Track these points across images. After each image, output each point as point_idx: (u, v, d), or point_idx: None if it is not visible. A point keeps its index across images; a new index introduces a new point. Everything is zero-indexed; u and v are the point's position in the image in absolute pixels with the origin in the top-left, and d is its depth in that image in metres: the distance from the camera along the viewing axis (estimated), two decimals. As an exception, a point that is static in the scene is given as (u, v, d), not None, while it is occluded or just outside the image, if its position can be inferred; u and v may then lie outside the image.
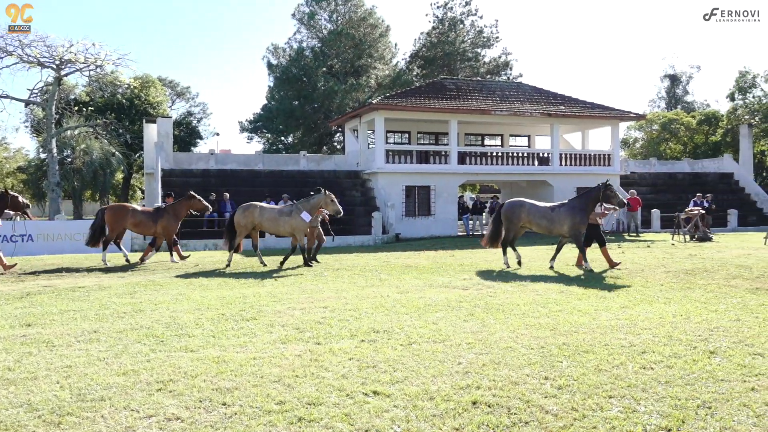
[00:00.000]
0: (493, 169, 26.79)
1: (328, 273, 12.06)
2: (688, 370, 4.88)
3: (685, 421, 3.83)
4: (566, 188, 27.14)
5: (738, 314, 7.12)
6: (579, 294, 8.89)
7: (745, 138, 35.19)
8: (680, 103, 64.96)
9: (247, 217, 13.98)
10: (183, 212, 14.77)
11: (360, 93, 45.26)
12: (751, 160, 35.31)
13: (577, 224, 12.08)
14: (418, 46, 51.77)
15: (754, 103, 39.49)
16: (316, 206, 13.66)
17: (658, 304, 7.99)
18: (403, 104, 25.44)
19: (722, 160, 35.08)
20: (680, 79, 67.87)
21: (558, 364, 5.15)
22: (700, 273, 10.99)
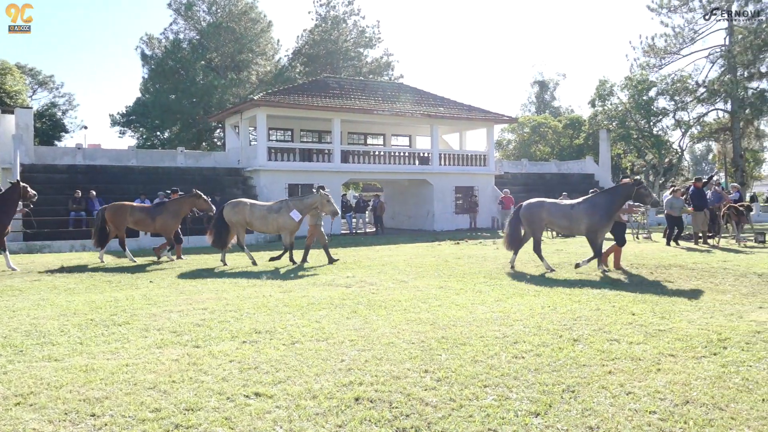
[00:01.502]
0: (376, 168, 27.17)
1: (207, 274, 11.67)
2: (554, 358, 5.22)
3: (551, 405, 4.09)
4: (445, 187, 28.13)
5: (598, 304, 7.72)
6: (457, 289, 9.24)
7: (604, 141, 38.25)
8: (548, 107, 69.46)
9: (237, 214, 13.46)
10: (184, 210, 14.42)
11: (241, 88, 44.20)
12: (609, 161, 38.42)
13: (596, 224, 10.87)
14: (300, 44, 51.39)
15: (611, 109, 42.91)
16: (309, 206, 13.23)
17: (528, 296, 8.48)
18: (286, 101, 25.16)
19: (585, 162, 37.90)
20: (548, 86, 72.55)
21: (437, 357, 5.32)
22: (566, 266, 11.79)
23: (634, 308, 7.37)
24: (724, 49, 41.58)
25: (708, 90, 41.47)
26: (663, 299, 8.00)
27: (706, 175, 69.46)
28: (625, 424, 3.74)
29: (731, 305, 7.49)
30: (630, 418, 3.84)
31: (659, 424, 3.74)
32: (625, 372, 4.79)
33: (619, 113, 42.26)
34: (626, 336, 5.94)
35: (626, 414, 3.90)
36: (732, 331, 6.01)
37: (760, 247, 15.87)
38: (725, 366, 4.88)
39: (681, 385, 4.43)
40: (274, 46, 50.75)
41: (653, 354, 5.28)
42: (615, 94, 43.24)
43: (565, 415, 3.92)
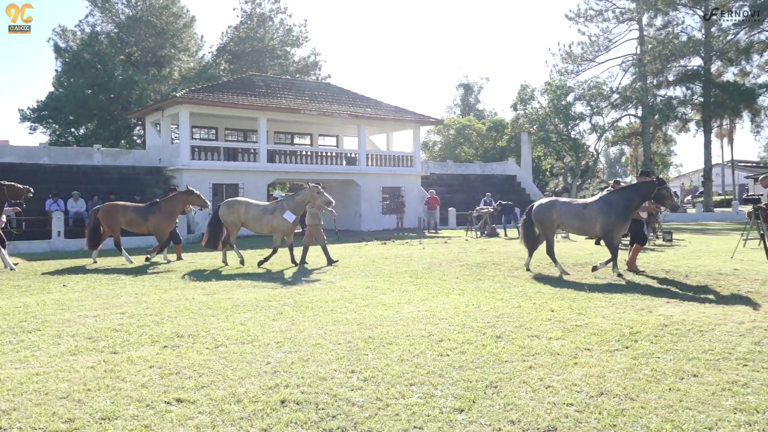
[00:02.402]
0: (303, 168, 26.97)
1: (126, 277, 11.23)
2: (478, 355, 5.35)
3: (475, 401, 4.19)
4: (373, 187, 28.27)
5: (519, 301, 7.97)
6: (384, 289, 9.30)
7: (525, 144, 39.54)
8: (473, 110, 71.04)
9: (233, 214, 12.90)
10: (179, 208, 13.98)
11: (163, 85, 42.77)
12: (530, 163, 39.74)
13: (612, 224, 10.17)
14: (225, 40, 50.31)
15: (532, 113, 44.45)
16: (302, 203, 12.69)
17: (453, 295, 8.64)
18: (210, 99, 24.57)
19: (507, 164, 39.01)
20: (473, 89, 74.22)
21: (364, 357, 5.33)
22: (489, 266, 12.10)
23: (554, 305, 7.65)
24: (635, 57, 43.87)
25: (621, 96, 43.62)
26: (580, 296, 8.35)
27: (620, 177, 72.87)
28: (544, 417, 3.87)
29: (641, 300, 7.90)
30: (549, 410, 3.98)
31: (576, 415, 3.90)
32: (545, 366, 4.96)
33: (539, 117, 43.80)
34: (546, 332, 6.16)
35: (545, 407, 4.05)
36: (642, 325, 6.34)
37: (668, 245, 16.83)
38: (636, 358, 5.14)
39: (596, 377, 4.64)
40: (198, 42, 49.43)
41: (571, 348, 5.50)
42: (536, 99, 44.80)
43: (488, 410, 4.02)
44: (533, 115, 44.23)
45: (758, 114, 43.35)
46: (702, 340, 5.71)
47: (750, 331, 6.02)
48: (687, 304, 7.57)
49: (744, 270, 10.67)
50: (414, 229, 27.18)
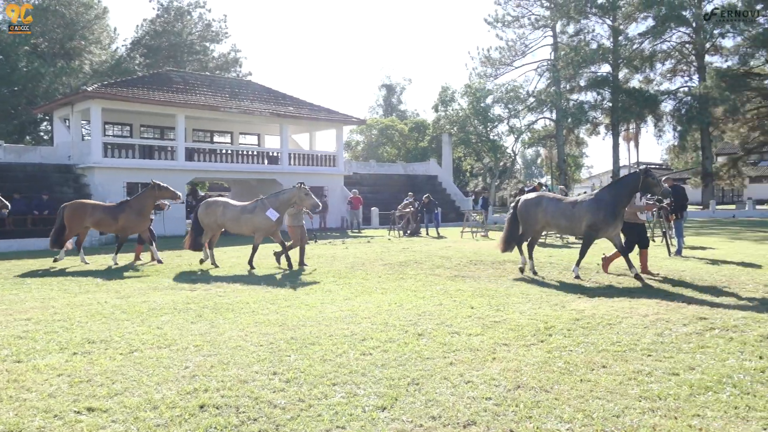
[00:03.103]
0: (223, 166, 26.36)
1: (31, 281, 10.61)
2: (400, 353, 5.41)
3: (397, 399, 4.23)
4: (295, 187, 27.94)
5: (440, 299, 8.12)
6: (306, 289, 9.24)
7: (446, 145, 40.30)
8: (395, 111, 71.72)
9: (210, 216, 12.22)
10: (149, 205, 13.25)
11: (72, 78, 40.66)
12: (451, 164, 40.56)
13: (598, 223, 9.63)
14: (141, 34, 48.43)
15: (453, 115, 45.41)
16: (286, 203, 12.09)
17: (376, 294, 8.69)
18: (124, 94, 23.55)
19: (429, 164, 39.61)
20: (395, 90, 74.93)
21: (286, 358, 5.28)
22: (411, 264, 12.26)
23: (473, 302, 7.84)
24: (550, 63, 45.66)
25: (536, 100, 45.28)
26: (499, 293, 8.60)
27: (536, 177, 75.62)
28: (464, 412, 3.96)
29: (556, 296, 8.23)
30: (468, 405, 4.08)
31: (494, 408, 4.01)
32: (465, 362, 5.08)
33: (460, 118, 44.79)
34: (466, 328, 6.31)
35: (465, 402, 4.14)
36: (556, 320, 6.60)
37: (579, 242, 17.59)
38: (550, 352, 5.35)
39: (513, 371, 4.79)
40: (111, 34, 47.35)
41: (489, 344, 5.66)
42: (456, 101, 45.80)
43: (410, 407, 4.08)
44: (454, 117, 45.19)
45: (661, 119, 46.14)
46: (611, 332, 6.01)
47: (653, 323, 6.39)
48: (597, 299, 7.95)
49: (649, 265, 11.30)
50: (337, 228, 27.14)
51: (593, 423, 3.74)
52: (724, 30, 40.76)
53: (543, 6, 45.38)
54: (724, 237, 19.10)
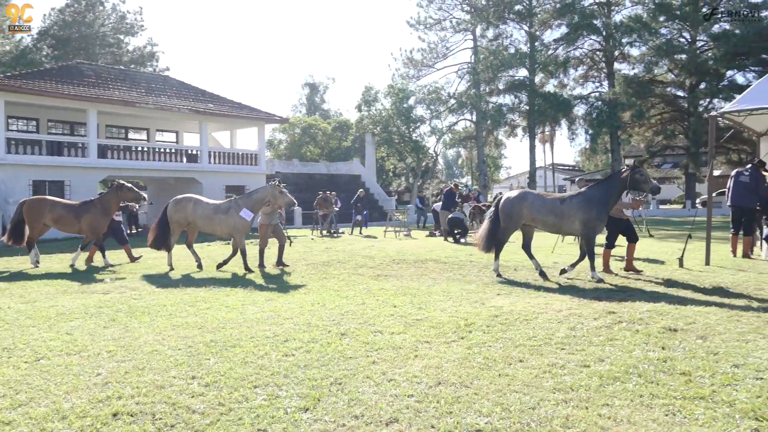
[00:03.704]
0: (139, 164, 25.39)
1: (-76, 285, 9.82)
2: (323, 353, 5.39)
3: (320, 399, 4.21)
4: (215, 186, 27.32)
5: (363, 299, 8.15)
6: (227, 290, 9.04)
7: (369, 145, 40.52)
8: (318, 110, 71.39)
9: (179, 212, 11.41)
10: (113, 206, 12.69)
11: (-29, 69, 37.96)
12: (374, 164, 40.81)
13: (593, 220, 9.46)
14: (48, 24, 45.86)
15: (376, 115, 45.67)
16: (260, 202, 11.49)
17: (299, 294, 8.62)
18: (30, 87, 22.24)
19: (352, 164, 39.71)
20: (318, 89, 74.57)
21: (206, 361, 5.15)
22: (334, 264, 12.23)
23: (396, 301, 7.92)
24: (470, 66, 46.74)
25: (457, 102, 46.25)
26: (421, 291, 8.72)
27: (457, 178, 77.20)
28: (386, 410, 3.99)
29: (476, 294, 8.44)
30: (391, 403, 4.12)
31: (416, 405, 4.07)
32: (388, 361, 5.12)
33: (383, 118, 45.09)
34: (389, 327, 6.36)
35: (388, 400, 4.18)
36: (476, 317, 6.77)
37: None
38: (470, 348, 5.48)
39: (434, 368, 4.88)
40: (14, 23, 44.46)
41: (412, 342, 5.73)
42: (379, 101, 46.07)
43: (333, 407, 4.07)
44: (377, 117, 45.45)
45: (574, 122, 48.17)
46: (527, 327, 6.23)
47: (567, 318, 6.67)
48: (515, 296, 8.21)
49: (562, 263, 11.78)
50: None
51: (510, 416, 3.86)
52: (632, 39, 43.10)
53: (463, 10, 46.40)
54: (631, 235, 20.20)
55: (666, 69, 44.45)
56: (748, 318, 6.46)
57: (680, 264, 10.87)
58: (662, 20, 42.39)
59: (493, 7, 43.95)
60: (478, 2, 45.11)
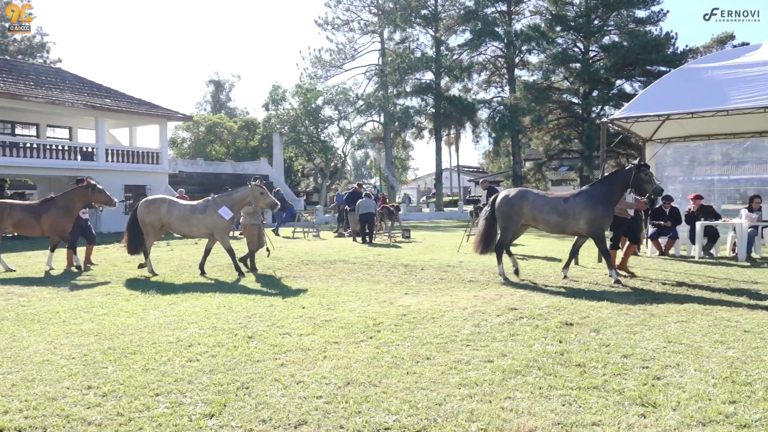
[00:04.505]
0: (27, 162, 23.71)
1: None
2: (229, 357, 5.26)
3: (226, 404, 4.11)
4: (114, 185, 25.91)
5: (271, 300, 8.03)
6: (126, 295, 8.63)
7: (277, 144, 39.99)
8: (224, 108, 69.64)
9: (152, 214, 10.53)
10: (77, 205, 11.70)
11: None
12: (282, 164, 40.34)
13: (599, 218, 9.29)
14: None
15: (284, 114, 45.15)
16: (240, 202, 10.76)
17: (204, 297, 8.37)
18: None
19: (260, 163, 39.03)
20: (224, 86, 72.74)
21: (103, 370, 4.89)
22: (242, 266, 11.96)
23: (304, 302, 7.86)
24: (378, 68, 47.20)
25: (365, 103, 46.57)
26: (329, 292, 8.71)
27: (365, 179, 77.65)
28: (295, 412, 3.96)
29: (384, 293, 8.53)
30: (299, 405, 4.08)
31: (324, 407, 4.06)
32: (296, 363, 5.07)
33: (290, 118, 44.66)
34: (297, 329, 6.30)
35: (296, 402, 4.14)
36: (384, 316, 6.85)
37: (406, 241, 18.42)
38: (379, 347, 5.53)
39: (343, 368, 4.88)
40: None
41: (320, 343, 5.71)
42: (287, 100, 45.59)
43: (240, 412, 3.98)
44: (285, 116, 44.95)
45: (477, 126, 49.76)
46: (434, 326, 6.37)
47: (472, 315, 6.88)
48: (422, 295, 8.38)
49: (467, 262, 12.15)
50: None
51: (418, 412, 3.93)
52: (531, 47, 45.07)
53: (371, 12, 46.78)
54: (532, 234, 21.10)
55: (562, 77, 46.80)
56: (635, 311, 6.93)
57: (575, 262, 11.48)
58: (558, 30, 44.62)
59: (399, 11, 44.61)
60: (385, 5, 45.65)
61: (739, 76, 11.23)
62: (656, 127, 14.51)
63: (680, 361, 4.96)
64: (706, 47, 42.42)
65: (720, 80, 11.44)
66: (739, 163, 16.06)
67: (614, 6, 42.99)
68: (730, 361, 4.94)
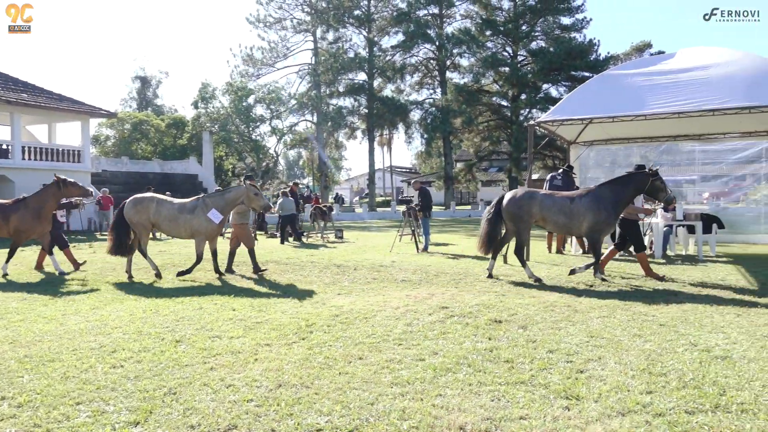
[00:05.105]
0: (-67, 159, 22.23)
1: None
2: (156, 362, 5.10)
3: (152, 411, 3.98)
4: (31, 185, 24.56)
5: (200, 303, 7.84)
6: (45, 300, 8.22)
7: (207, 143, 39.10)
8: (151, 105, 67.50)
9: (140, 213, 9.80)
10: (50, 204, 10.89)
11: None
12: (212, 163, 39.47)
13: (600, 224, 9.01)
14: None
15: (214, 112, 44.16)
16: (232, 202, 10.11)
17: (129, 301, 8.08)
18: None
19: (188, 162, 38.05)
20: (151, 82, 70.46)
21: (18, 379, 4.64)
22: (169, 268, 11.59)
23: (235, 304, 7.71)
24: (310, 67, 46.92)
25: (298, 102, 46.21)
26: (261, 293, 8.58)
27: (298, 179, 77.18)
28: (225, 417, 3.88)
29: (317, 294, 8.49)
30: (229, 409, 4.01)
31: (255, 410, 4.00)
32: (226, 366, 4.97)
33: (221, 117, 43.75)
34: (227, 331, 6.18)
35: (226, 406, 4.06)
36: (317, 317, 6.81)
37: (339, 241, 18.39)
38: (311, 348, 5.50)
39: (275, 371, 4.83)
40: None
41: (251, 345, 5.62)
42: (217, 98, 44.63)
43: (167, 418, 3.87)
44: (215, 115, 43.99)
45: (410, 127, 50.31)
46: (367, 325, 6.39)
47: (404, 314, 6.94)
48: (355, 295, 8.38)
49: (400, 261, 12.26)
50: (83, 231, 24.61)
51: (350, 413, 3.93)
52: (461, 50, 45.97)
53: (304, 11, 46.45)
54: (462, 234, 21.51)
55: (492, 80, 47.96)
56: (560, 308, 7.18)
57: (504, 260, 11.77)
58: (488, 34, 45.72)
59: (333, 11, 44.52)
60: (318, 4, 45.43)
61: (655, 83, 11.83)
62: (580, 131, 15.08)
63: (602, 354, 5.17)
64: (626, 54, 44.53)
65: (638, 86, 12.01)
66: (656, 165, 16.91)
67: (541, 12, 44.46)
68: (647, 353, 5.19)
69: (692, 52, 12.57)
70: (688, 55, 12.48)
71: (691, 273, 10.16)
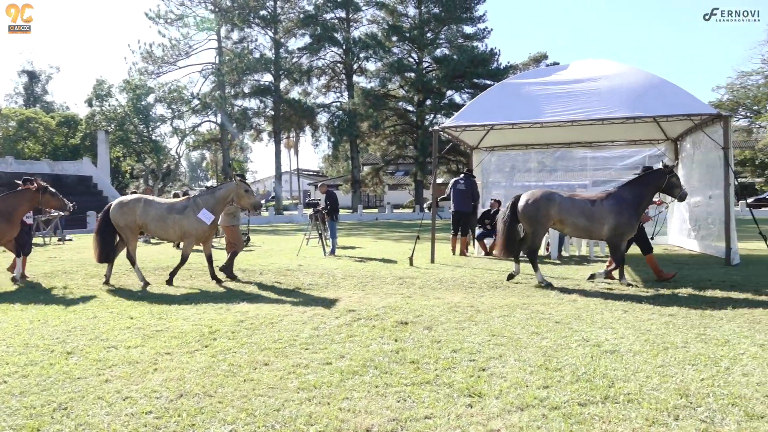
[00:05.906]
0: None
1: None
2: (45, 375, 4.78)
3: (40, 429, 3.73)
4: None
5: (95, 312, 7.42)
6: None
7: (102, 143, 37.13)
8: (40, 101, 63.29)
9: (126, 215, 9.57)
10: (21, 209, 9.81)
11: None
12: (108, 164, 37.51)
13: (623, 226, 8.77)
14: None
15: (110, 111, 42.06)
16: (223, 201, 9.83)
17: (13, 311, 7.52)
18: None
19: (82, 163, 35.98)
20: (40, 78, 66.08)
21: None
22: (60, 275, 10.95)
23: (133, 312, 7.37)
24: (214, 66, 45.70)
25: (201, 102, 44.89)
26: (162, 299, 8.24)
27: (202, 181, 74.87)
28: (121, 430, 3.69)
29: (221, 299, 8.26)
30: (126, 423, 3.82)
31: (155, 422, 3.83)
32: (123, 378, 4.74)
33: (118, 115, 41.77)
34: (124, 341, 5.89)
35: (123, 420, 3.87)
36: (221, 323, 6.63)
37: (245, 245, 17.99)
38: (215, 356, 5.34)
39: (176, 380, 4.65)
40: None
41: (150, 355, 5.38)
42: (114, 96, 42.57)
43: (56, 435, 3.63)
44: (111, 113, 41.93)
45: (317, 129, 50.18)
46: (273, 330, 6.29)
47: (311, 318, 6.90)
48: (261, 300, 8.23)
49: (306, 265, 12.17)
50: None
51: (255, 420, 3.86)
52: (368, 54, 46.37)
53: (207, 9, 45.19)
54: (370, 237, 21.68)
55: (398, 85, 48.71)
56: (464, 309, 7.39)
57: (410, 262, 11.97)
58: (394, 40, 46.41)
59: (237, 9, 43.59)
60: (222, 2, 44.33)
61: (550, 92, 12.43)
62: (482, 136, 15.60)
63: (502, 352, 5.37)
64: (524, 64, 46.65)
65: (535, 95, 12.58)
66: (551, 170, 17.78)
67: (445, 21, 45.68)
68: (544, 350, 5.45)
69: (584, 64, 13.31)
70: (580, 67, 13.21)
71: (584, 272, 10.75)
